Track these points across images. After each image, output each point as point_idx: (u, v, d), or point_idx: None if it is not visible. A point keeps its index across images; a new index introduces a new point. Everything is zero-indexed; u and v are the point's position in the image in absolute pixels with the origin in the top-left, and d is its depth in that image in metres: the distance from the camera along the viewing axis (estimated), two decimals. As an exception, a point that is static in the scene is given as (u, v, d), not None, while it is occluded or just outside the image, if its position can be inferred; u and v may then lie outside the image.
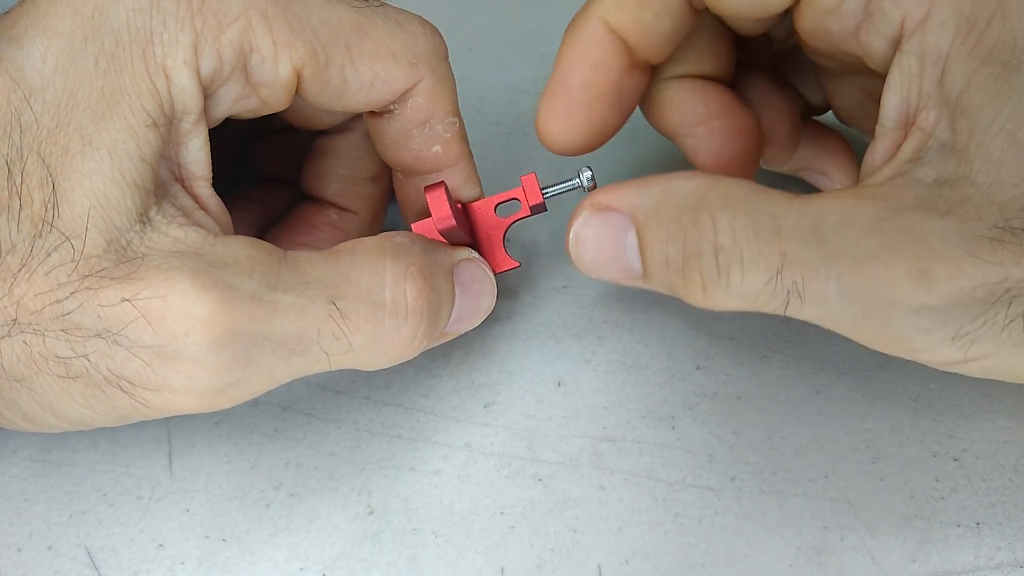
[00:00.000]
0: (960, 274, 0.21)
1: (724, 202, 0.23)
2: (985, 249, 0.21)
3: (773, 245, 0.22)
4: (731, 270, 0.22)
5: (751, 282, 0.22)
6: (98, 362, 0.22)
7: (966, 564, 0.26)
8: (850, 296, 0.22)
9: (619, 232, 0.25)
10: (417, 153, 0.28)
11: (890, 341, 0.23)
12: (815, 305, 0.22)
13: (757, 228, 0.22)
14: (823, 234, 0.22)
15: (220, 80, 0.24)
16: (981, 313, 0.21)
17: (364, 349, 0.25)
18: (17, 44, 0.23)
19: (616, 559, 0.27)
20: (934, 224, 0.22)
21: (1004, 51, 0.22)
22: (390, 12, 0.27)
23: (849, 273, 0.22)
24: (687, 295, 0.24)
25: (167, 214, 0.23)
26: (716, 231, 0.23)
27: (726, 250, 0.22)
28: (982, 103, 0.22)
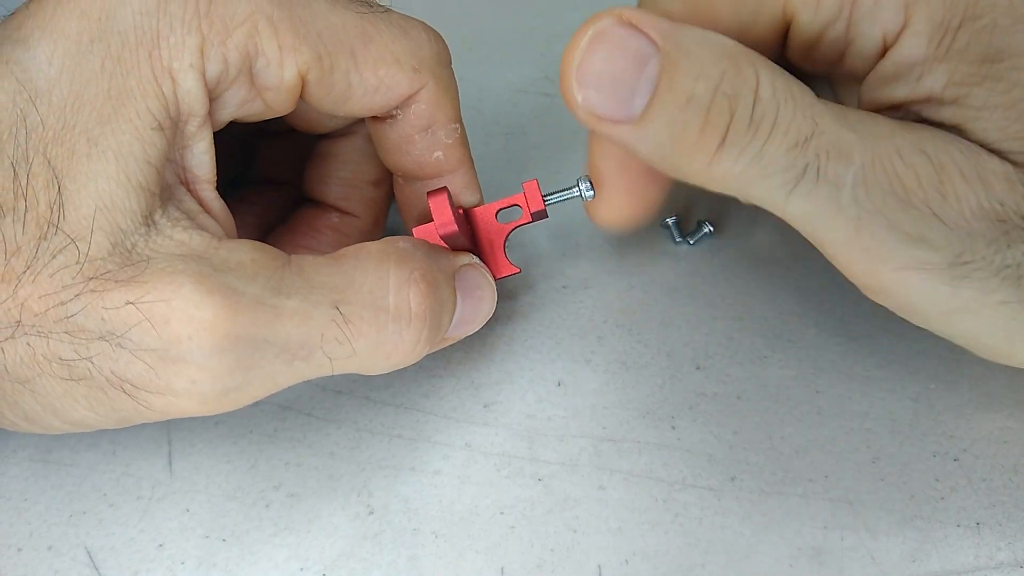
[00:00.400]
0: (975, 194, 0.21)
1: (766, 62, 0.22)
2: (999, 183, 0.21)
3: (807, 113, 0.21)
4: (763, 124, 0.21)
5: (776, 144, 0.21)
6: (101, 364, 0.22)
7: (966, 564, 0.26)
8: (866, 186, 0.21)
9: (637, 58, 0.21)
10: (418, 158, 0.28)
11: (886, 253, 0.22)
12: (825, 189, 0.21)
13: (795, 93, 0.22)
14: (851, 123, 0.22)
15: (225, 83, 0.24)
16: (983, 246, 0.21)
17: (367, 354, 0.25)
18: (24, 46, 0.23)
19: (616, 559, 0.27)
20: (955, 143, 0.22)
21: (980, 46, 0.22)
22: (394, 18, 0.27)
23: (872, 164, 0.21)
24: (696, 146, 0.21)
25: (172, 217, 0.23)
26: (759, 80, 0.21)
27: (764, 102, 0.21)
28: (968, 92, 0.22)
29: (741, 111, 0.21)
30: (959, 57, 0.22)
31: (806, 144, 0.21)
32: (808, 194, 0.22)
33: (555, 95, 0.40)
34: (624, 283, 0.33)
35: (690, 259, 0.33)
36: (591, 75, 0.22)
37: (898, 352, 0.30)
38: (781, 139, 0.21)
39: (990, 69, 0.22)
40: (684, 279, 0.33)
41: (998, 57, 0.22)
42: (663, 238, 0.34)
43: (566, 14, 0.43)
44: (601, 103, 0.22)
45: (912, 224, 0.21)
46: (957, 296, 0.22)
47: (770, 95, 0.21)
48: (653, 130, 0.22)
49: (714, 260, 0.33)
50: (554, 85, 0.41)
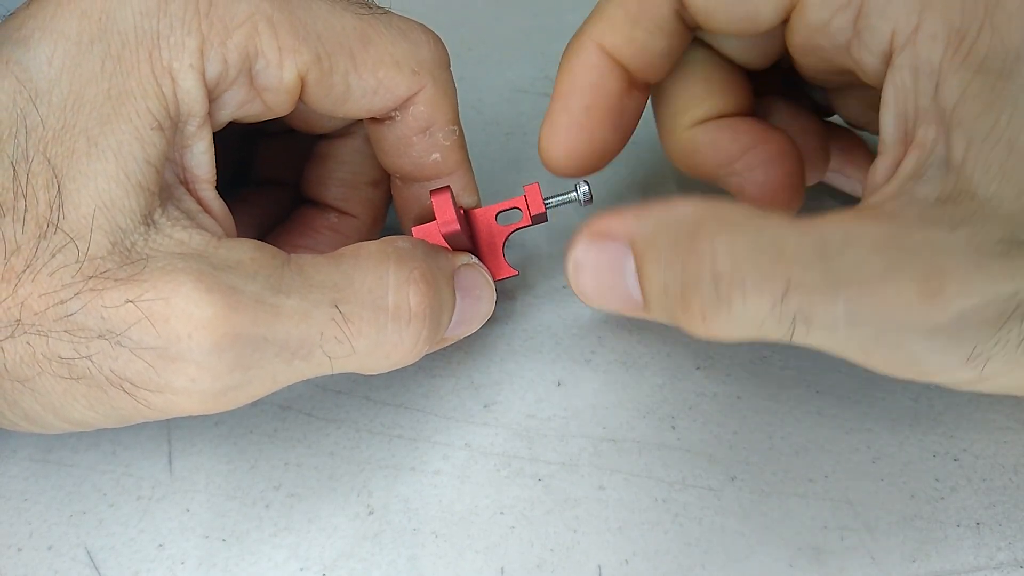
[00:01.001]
0: (972, 291, 0.20)
1: (722, 226, 0.22)
2: (995, 264, 0.20)
3: (776, 269, 0.21)
4: (732, 297, 0.22)
5: (754, 308, 0.21)
6: (101, 363, 0.22)
7: (966, 564, 0.26)
8: (859, 320, 0.21)
9: (617, 260, 0.24)
10: (416, 160, 0.28)
11: (903, 365, 0.22)
12: (823, 330, 0.21)
13: (759, 252, 0.22)
14: (828, 256, 0.21)
15: (225, 84, 0.24)
16: (995, 332, 0.21)
17: (366, 353, 0.25)
18: (24, 46, 0.23)
19: (616, 559, 0.27)
20: (941, 241, 0.21)
21: (996, 60, 0.22)
22: (394, 20, 0.27)
23: (857, 296, 0.21)
24: (688, 325, 0.23)
25: (171, 216, 0.23)
26: (714, 257, 0.22)
27: (726, 276, 0.22)
28: (977, 114, 0.22)
29: (706, 292, 0.22)
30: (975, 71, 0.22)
31: (784, 300, 0.21)
32: (806, 338, 0.22)
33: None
34: (624, 283, 0.33)
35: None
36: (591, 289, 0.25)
37: (898, 352, 0.30)
38: (757, 301, 0.21)
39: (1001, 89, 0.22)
40: (684, 279, 0.33)
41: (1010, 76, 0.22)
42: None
43: (566, 14, 0.43)
44: (611, 305, 0.25)
45: (917, 341, 0.21)
46: (983, 376, 0.22)
47: (731, 266, 0.21)
48: (657, 313, 0.24)
49: (714, 260, 0.33)
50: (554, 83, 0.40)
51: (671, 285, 0.23)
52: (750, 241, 0.22)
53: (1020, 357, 0.21)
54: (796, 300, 0.21)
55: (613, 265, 0.24)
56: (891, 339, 0.21)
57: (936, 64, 0.22)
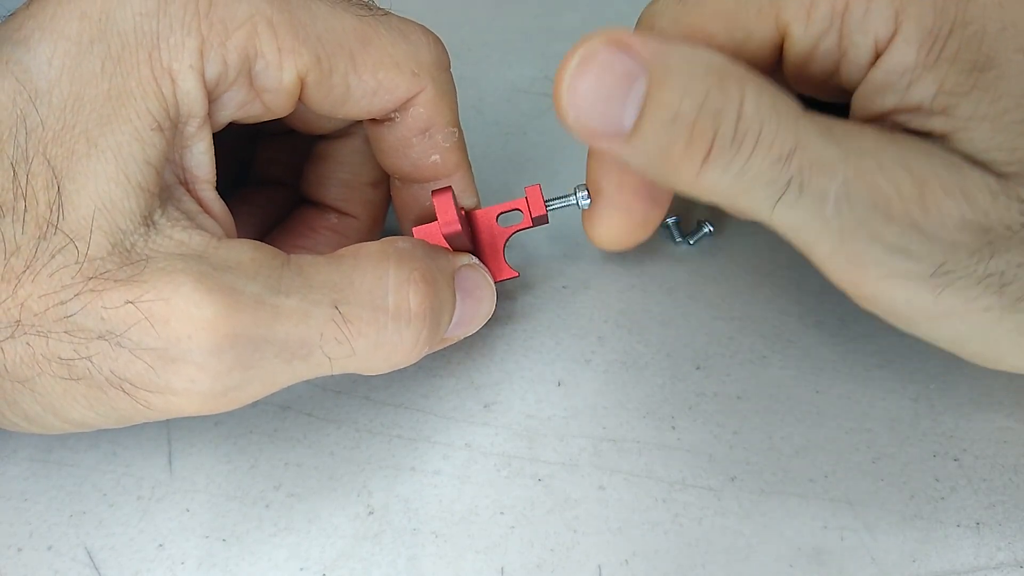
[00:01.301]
0: (957, 208, 0.21)
1: (752, 78, 0.22)
2: (980, 196, 0.22)
3: (791, 128, 0.22)
4: (746, 139, 0.22)
5: (759, 158, 0.22)
6: (100, 364, 0.22)
7: (966, 564, 0.26)
8: (848, 200, 0.22)
9: (626, 77, 0.22)
10: (416, 161, 0.28)
11: (870, 263, 0.22)
12: (811, 202, 0.22)
13: (780, 109, 0.22)
14: (836, 138, 0.22)
15: (225, 85, 0.24)
16: (964, 256, 0.22)
17: (366, 354, 0.25)
18: (24, 47, 0.23)
19: (616, 559, 0.27)
20: (939, 156, 0.22)
21: (971, 53, 0.22)
22: (394, 21, 0.27)
23: (854, 178, 0.22)
24: (683, 160, 0.22)
25: (171, 217, 0.23)
26: (743, 97, 0.22)
27: (748, 117, 0.22)
28: (956, 103, 0.22)
29: (724, 127, 0.21)
30: (949, 65, 0.22)
31: (789, 159, 0.22)
32: (792, 206, 0.22)
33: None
34: (624, 283, 0.33)
35: (690, 259, 0.33)
36: (582, 94, 0.22)
37: (898, 352, 0.30)
38: (764, 154, 0.22)
39: (979, 78, 0.22)
40: (684, 279, 0.33)
41: (986, 65, 0.22)
42: (663, 238, 0.34)
43: (566, 14, 0.43)
44: (593, 120, 0.22)
45: (893, 236, 0.22)
46: (940, 303, 0.22)
47: (754, 110, 0.22)
48: (643, 145, 0.22)
49: (714, 260, 0.33)
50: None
51: (685, 113, 0.22)
52: (773, 99, 0.22)
53: (980, 295, 0.22)
54: (799, 162, 0.22)
55: (623, 77, 0.22)
56: (870, 227, 0.22)
57: (909, 64, 0.23)
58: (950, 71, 0.22)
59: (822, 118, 0.23)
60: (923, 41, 0.22)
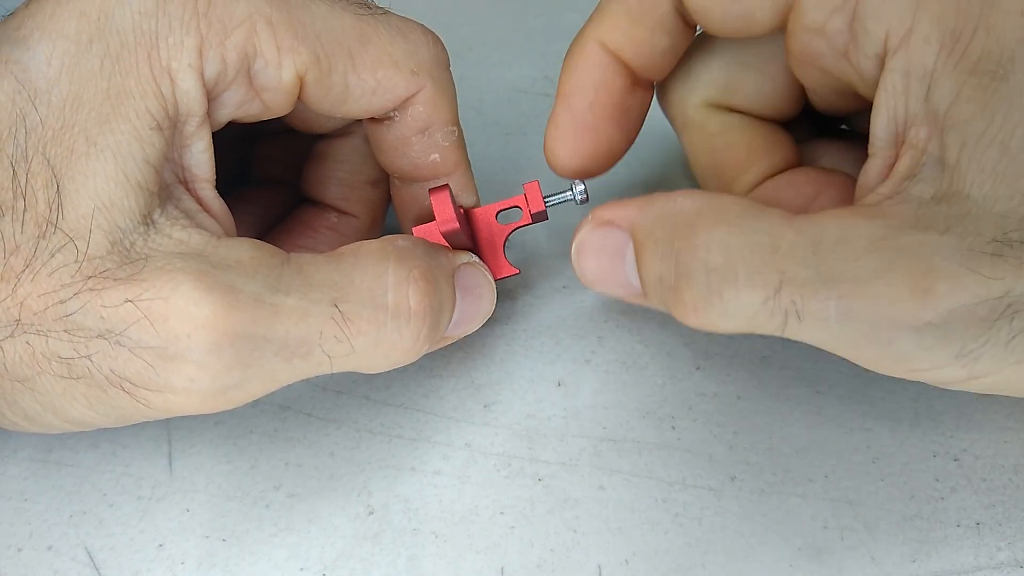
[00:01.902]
0: (962, 290, 0.21)
1: (719, 220, 0.23)
2: (985, 264, 0.21)
3: (770, 264, 0.22)
4: (724, 289, 0.22)
5: (746, 301, 0.22)
6: (100, 363, 0.22)
7: (966, 564, 0.26)
8: (851, 316, 0.21)
9: (618, 248, 0.25)
10: (415, 160, 0.28)
11: (893, 362, 0.22)
12: (814, 326, 0.22)
13: (753, 246, 0.22)
14: (822, 253, 0.22)
15: (224, 84, 0.24)
16: (984, 330, 0.21)
17: (366, 352, 0.25)
18: (23, 46, 0.23)
19: (616, 559, 0.27)
20: (934, 242, 0.21)
21: (990, 62, 0.22)
22: (393, 20, 0.27)
23: (849, 293, 0.21)
24: (680, 315, 0.23)
25: (170, 216, 0.23)
26: (708, 249, 0.22)
27: (718, 269, 0.22)
28: (971, 116, 0.22)
29: (697, 283, 0.22)
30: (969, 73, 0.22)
31: (777, 295, 0.22)
32: (798, 332, 0.22)
33: (555, 95, 0.40)
34: (624, 283, 0.33)
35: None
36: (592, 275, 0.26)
37: (898, 352, 0.30)
38: (749, 295, 0.22)
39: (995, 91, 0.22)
40: (684, 279, 0.33)
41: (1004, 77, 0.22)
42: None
43: (566, 14, 0.43)
44: (611, 291, 0.26)
45: (908, 338, 0.21)
46: (972, 374, 0.22)
47: (724, 260, 0.22)
48: (653, 301, 0.25)
49: (714, 260, 0.33)
50: (554, 85, 0.40)
51: (666, 276, 0.23)
52: (746, 236, 0.22)
53: (1008, 355, 0.21)
54: (789, 295, 0.22)
55: (614, 252, 0.25)
56: (882, 336, 0.21)
57: (929, 67, 0.22)
58: (969, 79, 0.22)
59: (812, 227, 0.22)
60: (944, 42, 0.22)
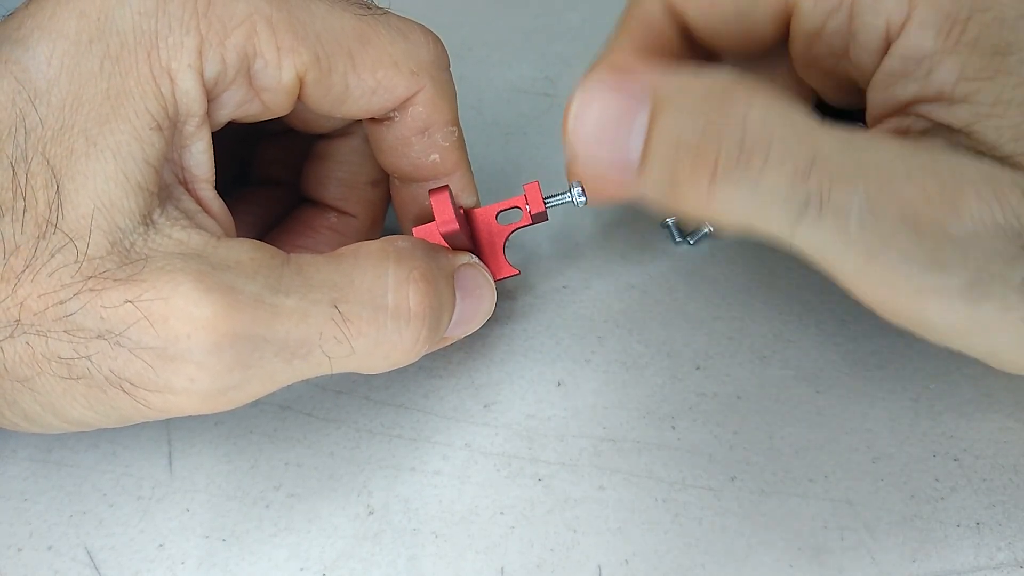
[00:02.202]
0: (988, 213, 0.20)
1: (759, 92, 0.21)
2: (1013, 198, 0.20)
3: (807, 142, 0.21)
4: (753, 159, 0.21)
5: (773, 176, 0.20)
6: (100, 363, 0.22)
7: (966, 564, 0.26)
8: (875, 214, 0.20)
9: (630, 108, 0.22)
10: (415, 161, 0.28)
11: (901, 280, 0.21)
12: (832, 220, 0.21)
13: (791, 123, 0.21)
14: (856, 147, 0.21)
15: (224, 84, 0.24)
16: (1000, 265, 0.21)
17: (366, 353, 0.25)
18: (23, 46, 0.23)
19: (616, 559, 0.27)
20: (969, 162, 0.21)
21: (991, 38, 0.22)
22: (393, 20, 0.27)
23: (878, 190, 0.20)
24: (688, 186, 0.21)
25: (170, 216, 0.23)
26: (746, 115, 0.21)
27: (754, 134, 0.21)
28: (979, 88, 0.22)
29: (728, 145, 0.21)
30: (970, 50, 0.22)
31: (807, 173, 0.20)
32: (814, 225, 0.21)
33: (555, 95, 0.40)
34: (624, 283, 0.33)
35: (690, 259, 0.33)
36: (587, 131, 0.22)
37: (898, 352, 0.30)
38: (778, 169, 0.21)
39: (1001, 63, 0.21)
40: (684, 279, 0.33)
41: (1008, 50, 0.22)
42: (663, 238, 0.34)
43: (566, 14, 0.43)
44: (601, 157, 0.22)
45: (925, 249, 0.21)
46: (976, 316, 0.21)
47: (760, 124, 0.21)
48: (651, 176, 0.22)
49: (714, 260, 0.33)
50: (554, 85, 0.40)
51: (689, 136, 0.21)
52: (785, 112, 0.21)
53: (1017, 302, 0.21)
54: (817, 178, 0.20)
55: (623, 112, 0.22)
56: (899, 242, 0.21)
57: (928, 50, 0.22)
58: (971, 56, 0.22)
59: (841, 128, 0.21)
60: (941, 26, 0.22)
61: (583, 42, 0.28)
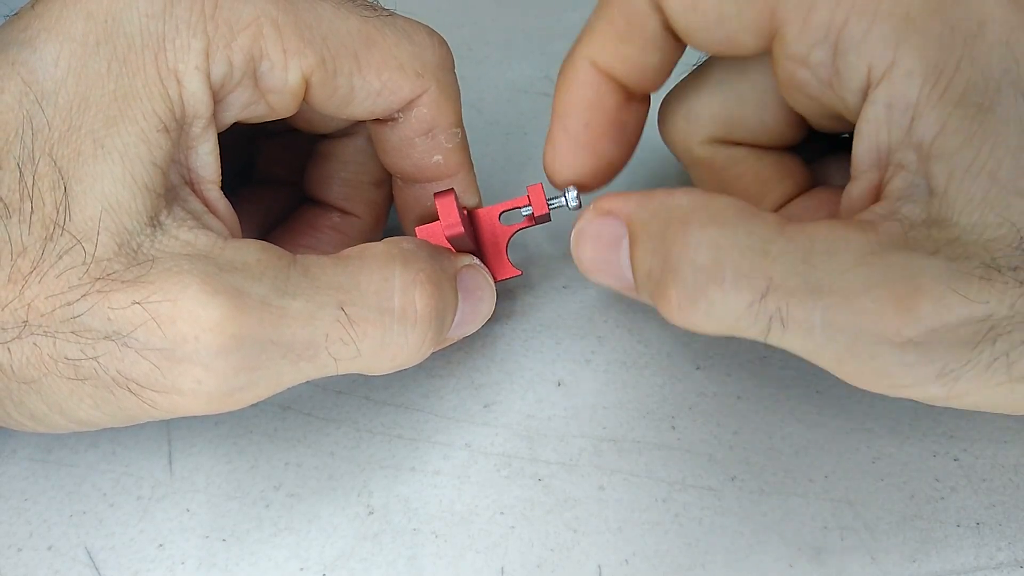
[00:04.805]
0: (946, 311, 0.21)
1: (712, 219, 0.22)
2: (972, 287, 0.21)
3: (759, 268, 0.22)
4: (710, 289, 0.22)
5: (731, 303, 0.22)
6: (107, 364, 0.22)
7: (966, 564, 0.26)
8: (835, 328, 0.21)
9: (615, 238, 0.25)
10: (418, 162, 0.28)
11: (874, 377, 0.22)
12: (799, 334, 0.22)
13: (744, 249, 0.22)
14: (812, 262, 0.22)
15: (230, 86, 0.24)
16: (966, 352, 0.21)
17: (372, 355, 0.25)
18: (30, 48, 0.23)
19: (616, 559, 0.27)
20: (923, 262, 0.21)
21: (976, 94, 0.22)
22: (398, 22, 0.27)
23: (836, 305, 0.21)
24: (665, 311, 0.23)
25: (177, 217, 0.23)
26: (699, 247, 0.22)
27: (706, 268, 0.22)
28: (958, 147, 0.22)
29: (682, 281, 0.22)
30: (954, 105, 0.22)
31: (763, 300, 0.21)
32: (781, 339, 0.22)
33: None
34: (624, 283, 0.33)
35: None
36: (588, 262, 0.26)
37: (898, 352, 0.30)
38: (735, 297, 0.22)
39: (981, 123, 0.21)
40: (684, 279, 0.33)
41: (990, 109, 0.22)
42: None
43: (566, 14, 0.43)
44: (606, 281, 0.26)
45: (890, 354, 0.21)
46: (952, 392, 0.22)
47: (712, 257, 0.22)
48: (643, 296, 0.25)
49: (714, 260, 0.33)
50: (554, 85, 0.40)
51: (654, 270, 0.23)
52: (737, 238, 0.22)
53: (990, 378, 0.22)
54: (775, 301, 0.21)
55: (611, 242, 0.25)
56: (864, 350, 0.21)
57: (912, 100, 0.22)
58: (954, 112, 0.22)
59: (800, 238, 0.22)
60: (927, 76, 0.22)
61: (583, 42, 0.28)
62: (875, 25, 0.22)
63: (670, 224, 0.23)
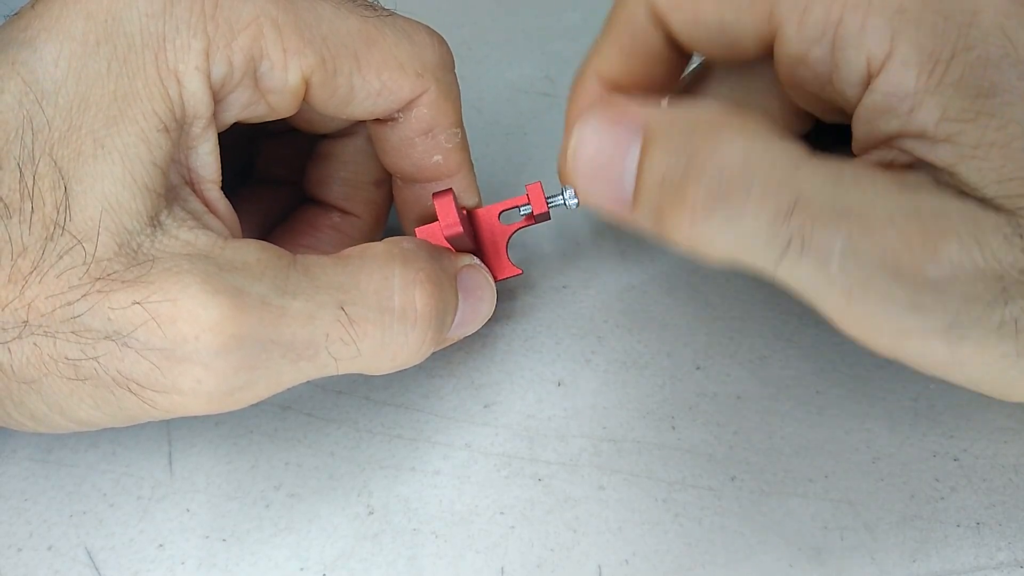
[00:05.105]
0: (971, 258, 0.20)
1: (742, 130, 0.21)
2: (994, 241, 0.21)
3: (789, 183, 0.21)
4: (734, 196, 0.21)
5: (754, 215, 0.21)
6: (107, 364, 0.22)
7: (966, 564, 0.26)
8: (855, 257, 0.21)
9: (623, 143, 0.22)
10: (418, 162, 0.28)
11: (880, 320, 0.21)
12: (814, 261, 0.21)
13: (775, 161, 0.21)
14: (843, 186, 0.21)
15: (230, 86, 0.24)
16: (979, 308, 0.21)
17: (372, 355, 0.25)
18: (30, 47, 0.23)
19: (616, 559, 0.27)
20: (954, 203, 0.21)
21: (974, 78, 0.21)
22: (399, 22, 0.27)
23: (860, 233, 0.20)
24: (673, 224, 0.22)
25: (177, 217, 0.23)
26: (729, 153, 0.21)
27: (734, 173, 0.21)
28: (961, 129, 0.21)
29: (708, 182, 0.21)
30: (953, 90, 0.21)
31: (788, 215, 0.21)
32: (795, 264, 0.21)
33: (555, 95, 0.40)
34: (624, 283, 0.33)
35: (690, 259, 0.33)
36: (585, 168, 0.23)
37: (898, 352, 0.30)
38: (759, 208, 0.21)
39: (984, 104, 0.21)
40: (684, 279, 0.33)
41: (991, 91, 0.21)
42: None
43: (566, 14, 0.43)
44: (598, 196, 0.23)
45: (905, 293, 0.21)
46: (955, 355, 0.22)
47: (742, 163, 0.21)
48: (644, 209, 0.22)
49: (714, 260, 0.33)
50: (554, 85, 0.41)
51: (672, 172, 0.21)
52: (769, 150, 0.21)
53: (995, 343, 0.21)
54: (799, 219, 0.21)
55: (617, 147, 0.22)
56: (879, 285, 0.21)
57: (910, 89, 0.22)
58: (954, 97, 0.21)
59: (830, 164, 0.21)
60: (923, 65, 0.22)
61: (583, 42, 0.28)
62: (869, 19, 0.22)
63: (696, 130, 0.21)
